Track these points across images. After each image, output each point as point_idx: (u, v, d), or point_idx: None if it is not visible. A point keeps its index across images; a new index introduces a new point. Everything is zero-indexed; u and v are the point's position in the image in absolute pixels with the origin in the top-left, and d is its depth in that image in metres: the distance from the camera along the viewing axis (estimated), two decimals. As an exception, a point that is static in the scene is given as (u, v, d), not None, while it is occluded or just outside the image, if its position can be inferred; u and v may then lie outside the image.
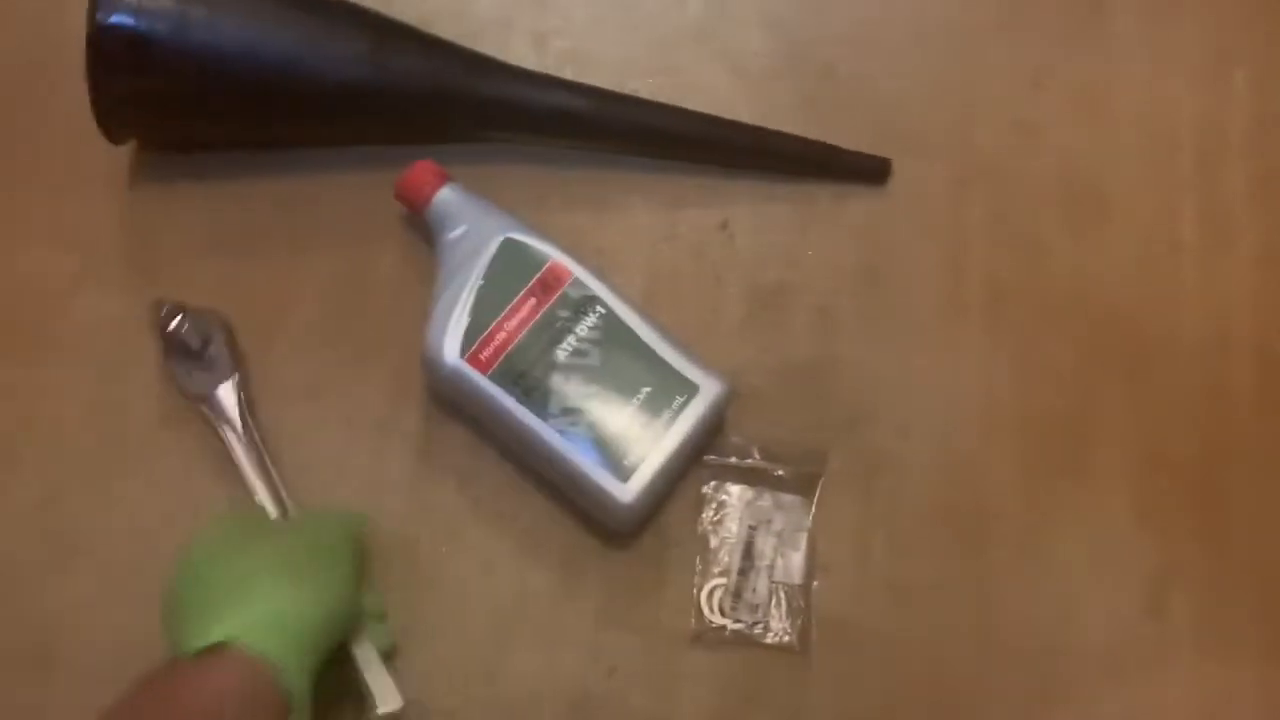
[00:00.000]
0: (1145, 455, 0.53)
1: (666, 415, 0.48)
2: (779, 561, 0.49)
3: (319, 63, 0.49)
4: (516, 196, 0.53)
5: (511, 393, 0.48)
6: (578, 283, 0.50)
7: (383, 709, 0.45)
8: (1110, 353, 0.55)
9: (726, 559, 0.49)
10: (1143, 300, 0.55)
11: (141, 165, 0.56)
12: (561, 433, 0.47)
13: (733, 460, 0.51)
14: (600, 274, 0.51)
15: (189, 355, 0.51)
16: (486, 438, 0.51)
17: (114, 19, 0.47)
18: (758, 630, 0.48)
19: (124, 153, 0.55)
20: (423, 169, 0.52)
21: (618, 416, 0.48)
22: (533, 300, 0.49)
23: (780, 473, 0.50)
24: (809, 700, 0.49)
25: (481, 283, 0.49)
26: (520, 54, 0.58)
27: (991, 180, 0.57)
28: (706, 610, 0.49)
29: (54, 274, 0.55)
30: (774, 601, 0.49)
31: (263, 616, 0.41)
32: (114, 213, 0.56)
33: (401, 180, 0.52)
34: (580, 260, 0.51)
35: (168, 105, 0.51)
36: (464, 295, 0.49)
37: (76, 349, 0.53)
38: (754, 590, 0.49)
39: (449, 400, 0.51)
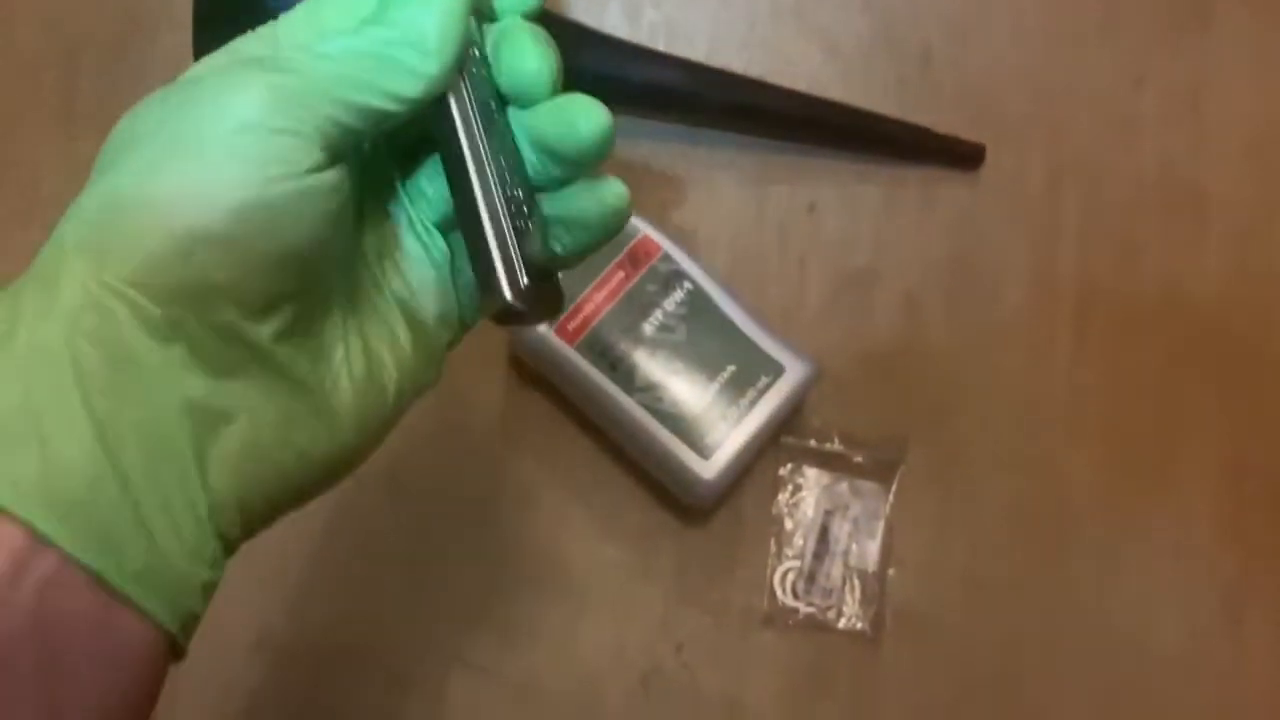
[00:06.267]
0: (1231, 464, 0.52)
1: (751, 394, 0.47)
2: (854, 548, 0.49)
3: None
4: (602, 168, 0.53)
5: (598, 365, 0.48)
6: (667, 257, 0.49)
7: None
8: (1201, 359, 0.53)
9: (801, 542, 0.49)
10: (1237, 307, 0.54)
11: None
12: (645, 407, 0.47)
13: (811, 443, 0.50)
14: (688, 250, 0.50)
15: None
16: (567, 410, 0.51)
17: None
18: (830, 615, 0.48)
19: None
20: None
21: (702, 393, 0.47)
22: (622, 273, 0.49)
23: (859, 459, 0.50)
24: (878, 687, 0.48)
25: (572, 253, 0.49)
26: (613, 24, 0.57)
27: (1087, 176, 0.56)
28: (779, 592, 0.49)
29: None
30: (847, 587, 0.48)
31: None
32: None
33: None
34: (668, 235, 0.50)
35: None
36: (553, 264, 0.49)
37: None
38: (828, 575, 0.49)
39: (533, 370, 0.51)
